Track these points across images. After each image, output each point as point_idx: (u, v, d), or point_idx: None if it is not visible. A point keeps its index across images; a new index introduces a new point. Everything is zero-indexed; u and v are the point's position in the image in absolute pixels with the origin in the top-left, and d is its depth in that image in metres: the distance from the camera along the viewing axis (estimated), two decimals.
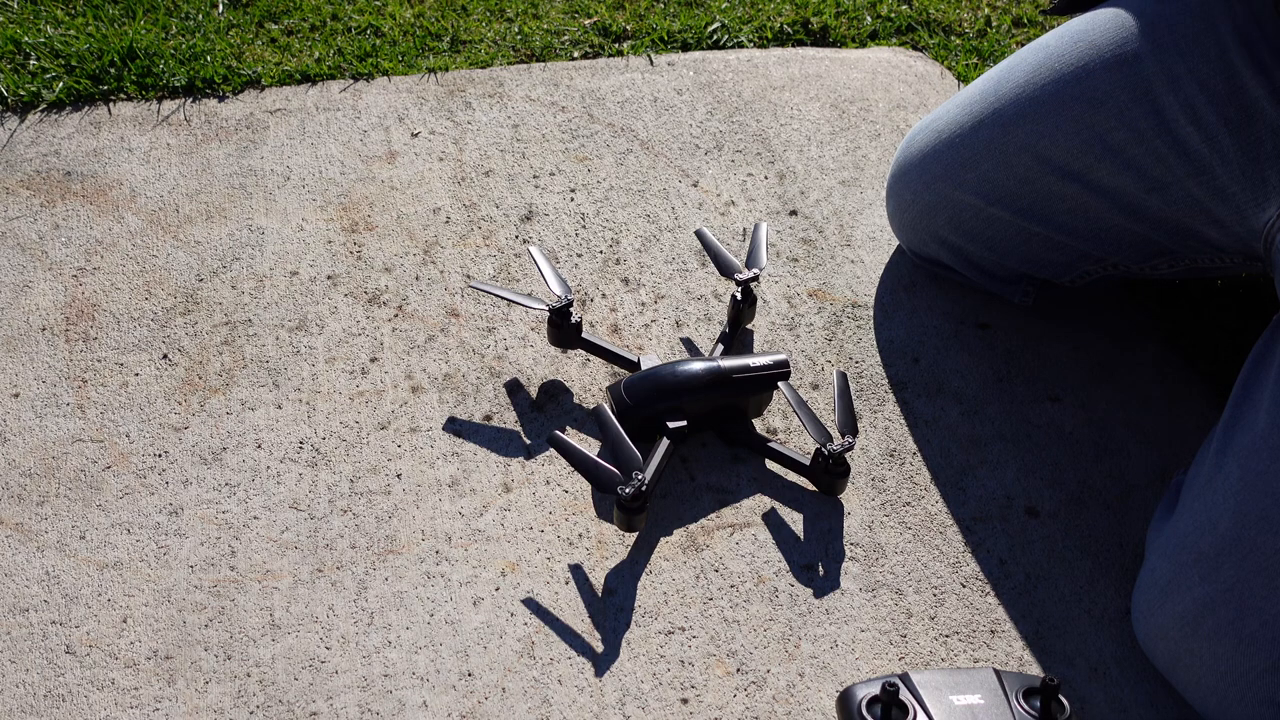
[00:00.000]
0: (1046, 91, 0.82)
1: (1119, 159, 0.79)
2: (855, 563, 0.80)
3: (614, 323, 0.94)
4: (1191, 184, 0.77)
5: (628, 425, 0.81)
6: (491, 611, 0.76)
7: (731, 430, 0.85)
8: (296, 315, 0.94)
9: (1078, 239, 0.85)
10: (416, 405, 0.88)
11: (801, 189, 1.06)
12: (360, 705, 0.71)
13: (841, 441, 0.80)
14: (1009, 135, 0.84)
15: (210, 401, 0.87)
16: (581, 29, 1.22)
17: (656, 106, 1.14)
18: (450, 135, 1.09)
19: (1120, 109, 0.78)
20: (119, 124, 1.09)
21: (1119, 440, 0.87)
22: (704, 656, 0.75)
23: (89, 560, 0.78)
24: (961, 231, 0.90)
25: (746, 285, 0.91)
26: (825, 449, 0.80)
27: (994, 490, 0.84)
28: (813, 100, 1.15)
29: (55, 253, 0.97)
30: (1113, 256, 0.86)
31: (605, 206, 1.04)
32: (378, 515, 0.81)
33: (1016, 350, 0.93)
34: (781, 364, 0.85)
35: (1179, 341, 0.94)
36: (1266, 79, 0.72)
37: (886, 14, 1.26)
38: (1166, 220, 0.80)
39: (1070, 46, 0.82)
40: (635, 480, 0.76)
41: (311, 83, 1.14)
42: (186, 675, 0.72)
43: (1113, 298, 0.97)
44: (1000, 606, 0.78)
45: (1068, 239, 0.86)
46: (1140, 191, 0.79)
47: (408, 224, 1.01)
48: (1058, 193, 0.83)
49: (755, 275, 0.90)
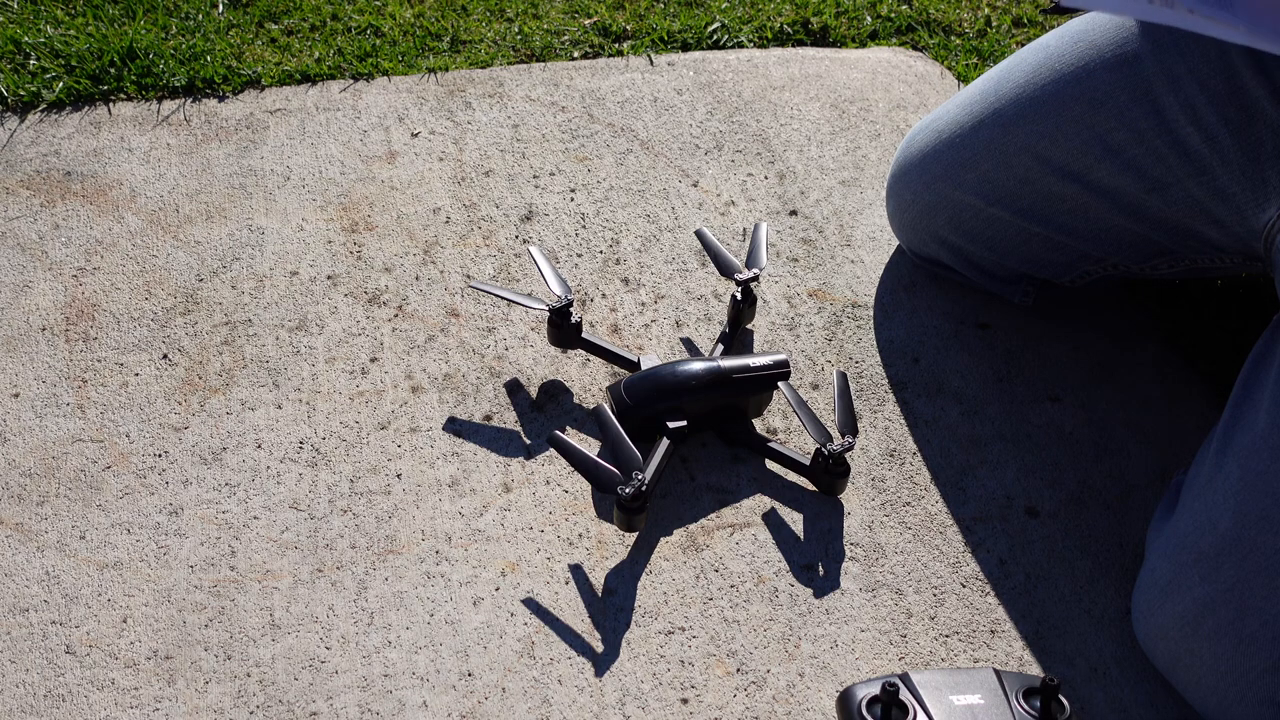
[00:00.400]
0: (1047, 92, 0.82)
1: (1119, 159, 0.79)
2: (855, 563, 0.80)
3: (614, 323, 0.94)
4: (1192, 184, 0.77)
5: (628, 425, 0.81)
6: (491, 611, 0.76)
7: (731, 430, 0.85)
8: (296, 315, 0.94)
9: (1078, 239, 0.85)
10: (416, 405, 0.88)
11: (801, 189, 1.06)
12: (360, 705, 0.71)
13: (841, 441, 0.80)
14: (1009, 135, 0.84)
15: (210, 401, 0.87)
16: (581, 29, 1.22)
17: (656, 106, 1.14)
18: (450, 135, 1.09)
19: (1120, 109, 0.78)
20: (119, 124, 1.09)
21: (1119, 440, 0.87)
22: (704, 656, 0.75)
23: (89, 560, 0.78)
24: (961, 231, 0.90)
25: (746, 285, 0.91)
26: (825, 449, 0.80)
27: (994, 490, 0.84)
28: (813, 100, 1.15)
29: (55, 253, 0.97)
30: (1113, 257, 0.86)
31: (605, 206, 1.04)
32: (378, 515, 0.81)
33: (1016, 350, 0.93)
34: (781, 364, 0.85)
35: (1179, 341, 0.94)
36: (1266, 79, 0.72)
37: (886, 14, 1.26)
38: (1167, 220, 0.80)
39: (1070, 46, 0.82)
40: (635, 480, 0.76)
41: (311, 83, 1.14)
42: (186, 675, 0.72)
43: (1113, 298, 0.97)
44: (1000, 606, 0.78)
45: (1068, 239, 0.86)
46: (1141, 192, 0.79)
47: (408, 224, 1.01)
48: (1058, 193, 0.83)
49: (755, 275, 0.90)
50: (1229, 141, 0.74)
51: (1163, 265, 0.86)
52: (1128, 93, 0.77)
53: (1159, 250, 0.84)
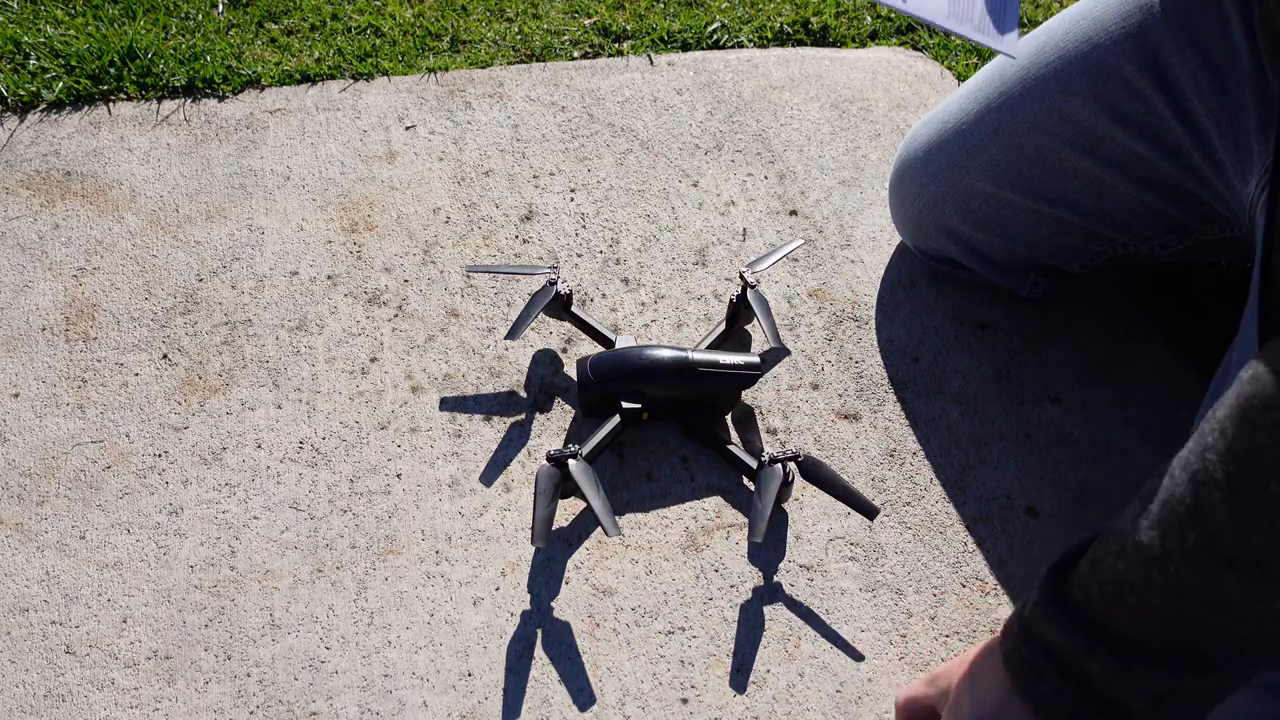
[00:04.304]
0: (1053, 69, 0.82)
1: (1131, 128, 0.79)
2: (855, 563, 0.80)
3: (614, 323, 0.94)
4: (1196, 153, 0.77)
5: (587, 400, 0.84)
6: (491, 611, 0.76)
7: (692, 423, 0.85)
8: (296, 315, 0.94)
9: (1089, 218, 0.85)
10: (416, 405, 0.88)
11: (801, 189, 1.06)
12: (360, 705, 0.71)
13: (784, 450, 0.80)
14: (1017, 116, 0.84)
15: (210, 401, 0.87)
16: (581, 29, 1.22)
17: (656, 106, 1.14)
18: (450, 135, 1.09)
19: (1129, 80, 0.78)
20: (119, 124, 1.09)
21: (1119, 440, 0.87)
22: (704, 656, 0.75)
23: (89, 560, 0.78)
24: (971, 221, 0.90)
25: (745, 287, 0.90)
26: (766, 455, 0.80)
27: (994, 490, 0.84)
28: (813, 100, 1.15)
29: (55, 253, 0.97)
30: (1123, 235, 0.86)
31: (605, 206, 1.04)
32: (378, 515, 0.81)
33: (1016, 350, 0.93)
34: (753, 365, 0.85)
35: (1179, 341, 0.94)
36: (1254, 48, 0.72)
37: (886, 14, 1.26)
38: (1178, 189, 0.80)
39: (1074, 25, 0.82)
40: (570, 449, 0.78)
41: (311, 83, 1.14)
42: (186, 675, 0.72)
43: (1113, 298, 0.97)
44: (1000, 606, 0.78)
45: (1079, 219, 0.86)
46: (1154, 159, 0.79)
47: (408, 224, 1.01)
48: (1070, 169, 0.83)
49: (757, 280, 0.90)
50: (1224, 114, 0.75)
51: (1173, 242, 0.85)
52: (1135, 63, 0.78)
53: (1170, 224, 0.84)
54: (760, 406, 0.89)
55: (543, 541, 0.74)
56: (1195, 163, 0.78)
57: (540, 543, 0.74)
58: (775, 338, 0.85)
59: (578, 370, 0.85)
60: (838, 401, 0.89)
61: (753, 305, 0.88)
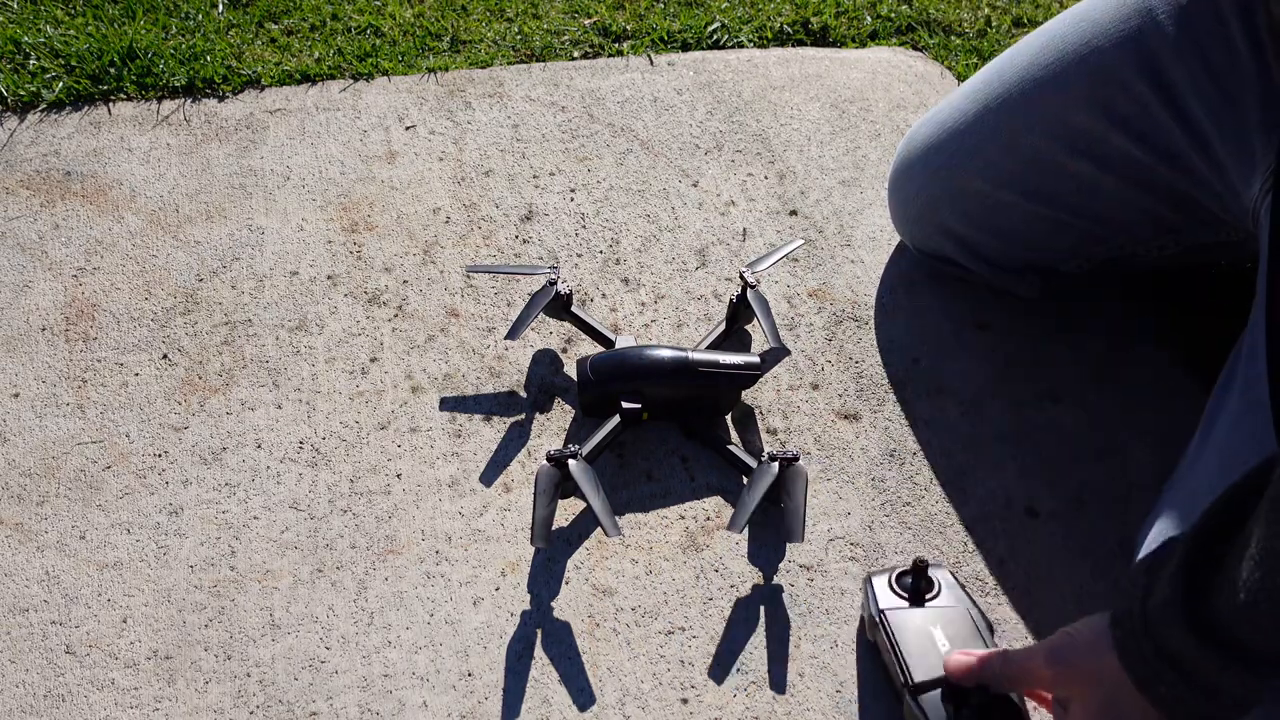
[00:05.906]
0: (1052, 70, 0.82)
1: (1128, 130, 0.79)
2: (855, 563, 0.80)
3: (614, 323, 0.94)
4: (1195, 156, 0.77)
5: (588, 400, 0.84)
6: (491, 611, 0.76)
7: (691, 423, 0.86)
8: (296, 315, 0.94)
9: (1086, 219, 0.85)
10: (416, 405, 0.88)
11: (801, 189, 1.06)
12: (360, 705, 0.71)
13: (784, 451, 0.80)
14: (1015, 116, 0.84)
15: (210, 401, 0.87)
16: (581, 29, 1.22)
17: (656, 106, 1.13)
18: (450, 135, 1.09)
19: (1127, 82, 0.78)
20: (119, 124, 1.09)
21: (1119, 440, 0.87)
22: (704, 656, 0.75)
23: (89, 560, 0.78)
24: (968, 221, 0.90)
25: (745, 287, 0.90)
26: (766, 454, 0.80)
27: (994, 490, 0.84)
28: (813, 100, 1.15)
29: (55, 253, 0.97)
30: (1119, 236, 0.86)
31: (605, 206, 1.04)
32: (378, 515, 0.81)
33: (1016, 350, 0.93)
34: (753, 365, 0.85)
35: (1177, 341, 0.94)
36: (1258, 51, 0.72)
37: (886, 14, 1.26)
38: (1175, 192, 0.80)
39: (1073, 27, 0.82)
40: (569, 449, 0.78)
41: (311, 83, 1.14)
42: (186, 675, 0.72)
43: (1113, 298, 0.97)
44: (1000, 606, 0.78)
45: (1076, 219, 0.86)
46: (1151, 162, 0.79)
47: (408, 224, 1.01)
48: (1067, 170, 0.83)
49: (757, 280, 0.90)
50: (1227, 115, 0.74)
51: (1169, 244, 0.86)
52: (1133, 67, 0.78)
53: (1166, 227, 0.84)
54: (760, 406, 0.89)
55: (543, 541, 0.74)
56: (1194, 166, 0.78)
57: (540, 543, 0.74)
58: (775, 338, 0.85)
59: (578, 370, 0.85)
60: (838, 401, 0.89)
61: (753, 305, 0.88)
